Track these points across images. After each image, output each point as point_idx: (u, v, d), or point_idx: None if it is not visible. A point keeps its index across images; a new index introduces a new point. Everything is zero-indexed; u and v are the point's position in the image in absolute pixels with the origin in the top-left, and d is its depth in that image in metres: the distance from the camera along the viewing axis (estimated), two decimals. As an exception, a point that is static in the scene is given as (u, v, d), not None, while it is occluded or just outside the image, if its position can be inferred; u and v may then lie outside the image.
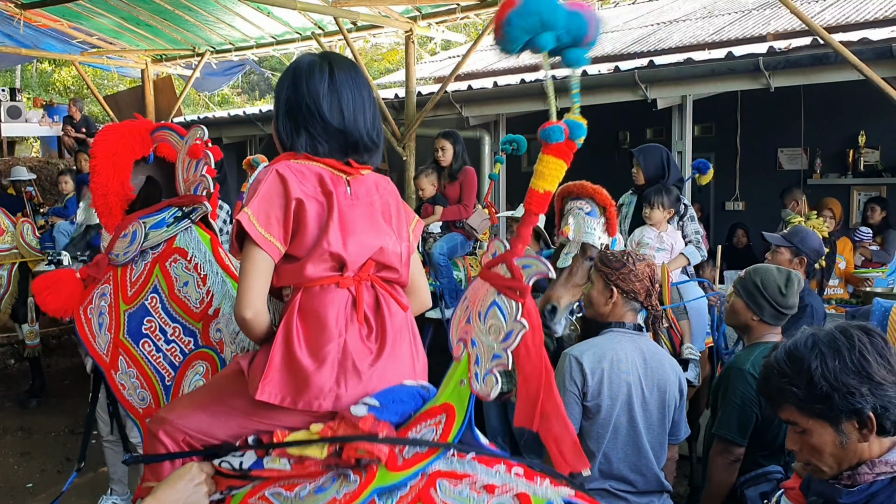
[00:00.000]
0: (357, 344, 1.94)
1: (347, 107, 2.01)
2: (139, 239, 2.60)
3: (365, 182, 2.07)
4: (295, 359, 1.89)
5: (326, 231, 1.92)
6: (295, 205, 1.90)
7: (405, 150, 8.40)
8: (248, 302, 1.91)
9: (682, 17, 11.89)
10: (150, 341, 2.54)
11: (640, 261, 3.21)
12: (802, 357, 1.79)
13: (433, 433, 1.76)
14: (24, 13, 9.57)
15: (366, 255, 2.00)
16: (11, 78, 20.81)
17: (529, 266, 1.62)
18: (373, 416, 1.80)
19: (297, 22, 9.66)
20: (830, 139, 9.17)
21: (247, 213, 1.88)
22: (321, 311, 1.93)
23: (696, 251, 4.95)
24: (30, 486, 5.64)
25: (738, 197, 9.84)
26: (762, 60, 6.36)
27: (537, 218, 1.63)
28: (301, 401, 1.88)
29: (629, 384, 3.04)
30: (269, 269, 1.93)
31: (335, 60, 2.06)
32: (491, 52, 13.51)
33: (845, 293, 6.45)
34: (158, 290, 2.56)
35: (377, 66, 23.81)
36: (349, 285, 1.97)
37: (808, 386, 1.77)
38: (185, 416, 2.03)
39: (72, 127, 13.62)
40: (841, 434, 1.77)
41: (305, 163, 1.98)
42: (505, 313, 1.64)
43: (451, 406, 1.76)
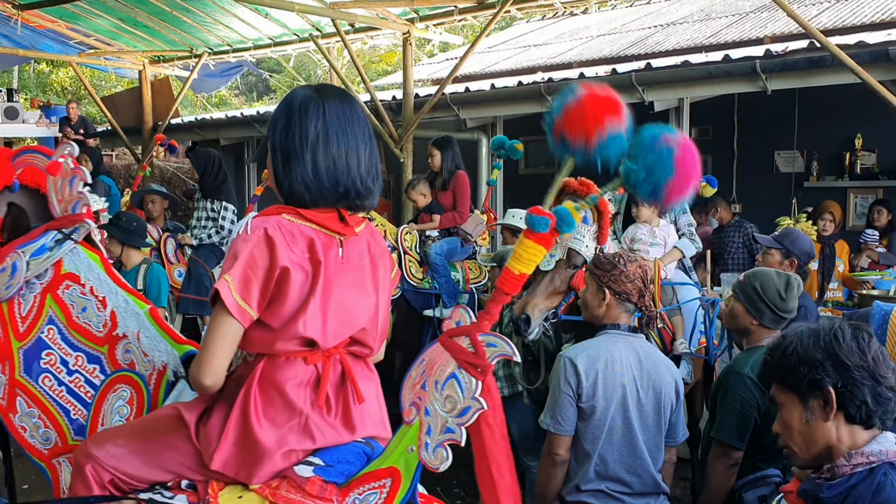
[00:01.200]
0: (319, 420, 1.86)
1: (340, 151, 1.89)
2: (20, 270, 2.45)
3: (359, 242, 1.95)
4: (252, 435, 1.81)
5: (304, 310, 1.81)
6: (279, 273, 1.79)
7: (402, 152, 8.40)
8: (211, 370, 1.81)
9: (679, 19, 11.92)
10: (51, 375, 2.41)
11: (632, 262, 3.21)
12: (787, 336, 1.95)
13: (377, 496, 1.73)
14: (22, 14, 9.57)
15: (345, 335, 1.91)
16: (9, 79, 20.79)
17: (494, 345, 1.59)
18: (319, 478, 1.77)
19: (295, 24, 9.66)
20: (827, 142, 9.18)
21: (227, 280, 1.77)
22: (283, 387, 1.85)
23: (690, 243, 4.92)
24: (25, 487, 5.63)
25: (735, 199, 9.85)
26: (759, 63, 6.38)
27: (508, 298, 1.62)
28: (255, 477, 1.81)
29: (624, 385, 3.05)
30: (237, 336, 1.82)
31: (329, 95, 1.94)
32: (488, 53, 13.53)
33: (842, 296, 6.46)
34: (55, 321, 2.43)
35: (375, 68, 23.81)
36: (317, 361, 1.88)
37: (781, 357, 1.92)
38: (115, 458, 1.94)
39: (69, 128, 13.62)
40: (807, 410, 1.89)
41: (297, 222, 1.85)
42: (463, 388, 1.60)
43: (398, 470, 1.73)
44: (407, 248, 5.95)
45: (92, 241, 2.52)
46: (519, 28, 15.57)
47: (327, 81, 22.48)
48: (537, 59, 11.85)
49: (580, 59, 11.04)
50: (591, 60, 10.72)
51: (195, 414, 1.92)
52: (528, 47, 13.26)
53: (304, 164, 1.86)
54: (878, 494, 1.79)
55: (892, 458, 1.85)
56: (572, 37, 12.97)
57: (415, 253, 6.00)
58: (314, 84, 2.06)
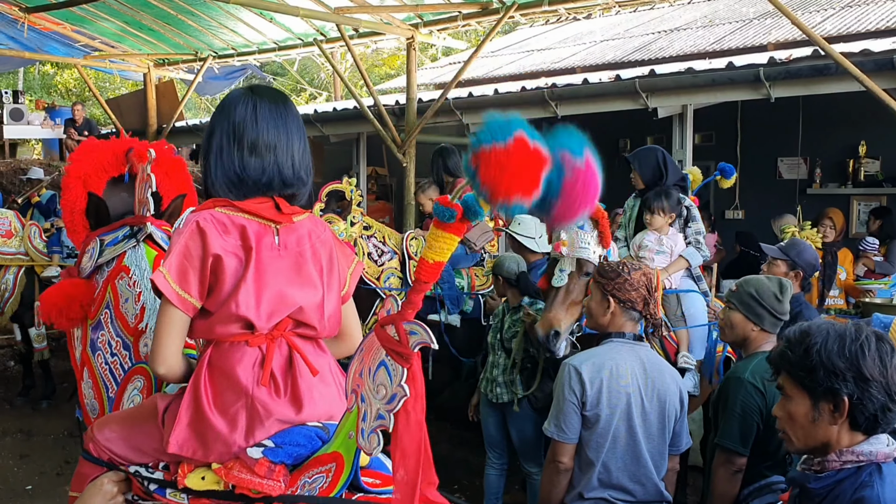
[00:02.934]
0: (266, 400, 1.94)
1: (269, 140, 1.99)
2: (94, 255, 2.70)
3: (296, 230, 2.04)
4: (204, 416, 1.91)
5: (237, 292, 1.91)
6: (212, 261, 1.90)
7: (405, 156, 8.42)
8: (162, 358, 1.94)
9: (683, 25, 11.93)
10: (101, 353, 2.62)
11: (636, 270, 3.21)
12: (811, 333, 1.93)
13: (323, 480, 1.82)
14: (28, 17, 9.61)
15: (281, 315, 1.98)
16: (14, 80, 20.85)
17: (416, 333, 1.62)
18: (266, 459, 1.85)
19: (300, 28, 9.68)
20: (830, 149, 9.18)
21: (162, 272, 1.88)
22: (229, 370, 1.94)
23: (696, 252, 4.85)
24: (28, 489, 5.65)
25: (738, 206, 9.85)
26: (762, 71, 6.37)
27: (428, 286, 1.63)
28: (211, 455, 1.92)
29: (629, 394, 3.05)
30: (183, 325, 1.94)
31: (261, 93, 2.05)
32: (492, 58, 13.55)
33: (845, 304, 6.46)
34: (109, 306, 2.63)
35: (378, 72, 23.84)
36: (260, 343, 1.97)
37: (802, 355, 1.92)
38: (110, 441, 2.12)
39: (74, 130, 13.66)
40: (815, 410, 1.92)
41: (229, 213, 1.96)
42: (391, 375, 1.65)
43: (341, 455, 1.81)
44: (412, 254, 5.96)
45: (155, 240, 2.71)
46: (522, 33, 15.59)
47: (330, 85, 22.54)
48: (541, 64, 11.87)
49: (583, 64, 11.06)
50: (595, 66, 10.74)
51: (166, 402, 2.04)
52: (532, 52, 13.29)
53: (227, 156, 1.98)
54: (857, 492, 1.86)
55: (881, 459, 1.89)
56: (576, 42, 12.99)
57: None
58: (249, 84, 2.14)
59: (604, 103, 7.49)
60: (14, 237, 7.29)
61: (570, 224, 1.51)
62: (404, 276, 5.87)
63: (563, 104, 7.63)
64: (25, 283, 7.31)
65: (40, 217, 8.59)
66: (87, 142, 2.99)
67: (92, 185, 2.82)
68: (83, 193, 2.81)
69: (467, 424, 5.27)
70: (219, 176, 1.99)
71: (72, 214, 2.84)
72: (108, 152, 2.88)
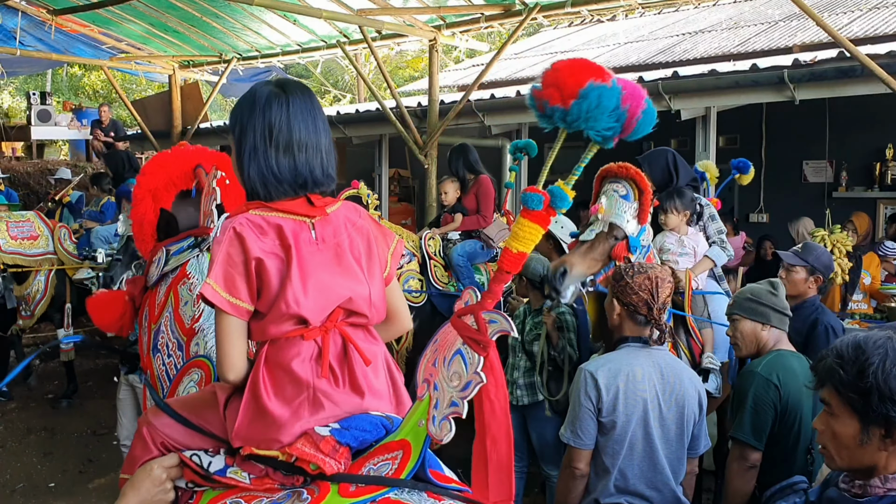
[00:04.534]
0: (328, 390, 1.95)
1: (301, 145, 1.99)
2: (161, 263, 2.82)
3: (332, 221, 2.03)
4: (266, 411, 1.91)
5: (284, 291, 1.91)
6: (255, 264, 1.90)
7: (427, 158, 8.42)
8: (230, 366, 1.96)
9: (707, 27, 11.86)
10: (160, 355, 2.71)
11: (640, 273, 3.15)
12: (867, 350, 1.78)
13: (389, 467, 1.82)
14: (56, 19, 9.72)
15: (331, 307, 1.98)
16: (42, 82, 21.11)
17: (495, 322, 1.64)
18: (333, 438, 1.86)
19: (323, 30, 9.72)
20: (857, 152, 9.08)
21: (209, 283, 1.89)
22: (288, 365, 1.95)
23: (721, 251, 4.78)
24: (51, 486, 5.71)
25: (763, 209, 9.77)
26: (787, 73, 6.31)
27: (509, 277, 1.66)
28: (274, 445, 1.91)
29: (645, 400, 3.02)
30: (242, 330, 1.96)
31: (292, 91, 2.03)
32: (514, 60, 13.54)
33: (869, 308, 6.38)
34: (170, 310, 2.73)
35: (401, 74, 23.91)
36: (315, 336, 1.97)
37: (856, 375, 1.77)
38: (167, 426, 2.13)
39: (100, 131, 13.80)
40: (865, 433, 1.78)
41: (264, 213, 1.96)
42: (467, 363, 1.66)
43: (408, 443, 1.81)
44: (432, 254, 5.96)
45: None
46: (546, 35, 15.58)
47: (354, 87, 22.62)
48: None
49: (607, 66, 10.74)
50: (618, 68, 10.69)
51: (225, 393, 2.04)
52: (555, 54, 13.26)
53: (264, 157, 1.97)
54: None
55: None
56: (599, 44, 12.95)
57: (439, 258, 6.01)
58: (276, 80, 2.11)
59: (626, 105, 7.44)
60: (39, 238, 7.33)
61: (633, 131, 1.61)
62: (425, 278, 5.87)
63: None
64: (56, 284, 7.36)
65: (70, 217, 8.67)
66: (159, 156, 3.10)
67: (161, 199, 2.95)
68: (152, 206, 2.94)
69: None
70: (253, 176, 1.99)
71: (140, 226, 2.97)
72: (177, 168, 2.99)
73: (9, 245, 7.11)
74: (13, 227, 7.24)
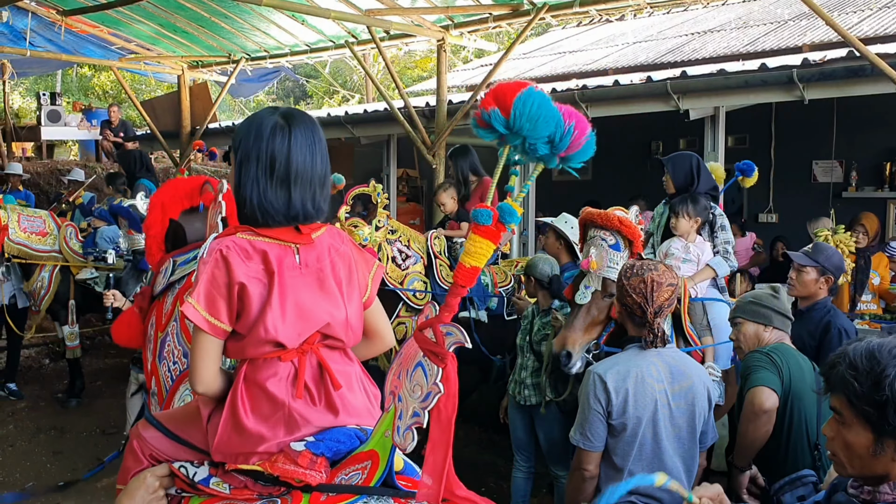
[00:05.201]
0: (303, 410, 2.03)
1: (297, 180, 2.05)
2: (168, 273, 2.93)
3: (316, 247, 2.10)
4: (243, 427, 2.00)
5: (264, 316, 1.98)
6: (238, 288, 1.97)
7: (435, 158, 8.43)
8: (199, 380, 2.03)
9: (716, 27, 11.82)
10: (166, 362, 2.80)
11: (636, 276, 3.11)
12: (881, 360, 1.73)
13: (359, 476, 1.91)
14: (66, 20, 9.75)
15: (309, 332, 2.06)
16: (52, 82, 21.20)
17: (451, 334, 1.70)
18: (308, 451, 1.95)
19: (331, 30, 9.74)
20: (866, 152, 9.05)
21: (190, 302, 1.96)
22: (264, 384, 2.03)
23: (724, 261, 4.77)
24: (61, 485, 5.73)
25: (772, 209, 9.74)
26: (796, 73, 6.28)
27: (465, 290, 1.69)
28: (253, 458, 2.01)
29: (656, 400, 3.01)
30: (217, 349, 2.03)
31: (296, 122, 2.08)
32: (523, 60, 13.53)
33: (879, 309, 6.35)
34: (177, 319, 2.81)
35: (410, 74, 23.92)
36: (292, 357, 2.05)
37: (871, 387, 1.72)
38: (155, 439, 2.24)
39: (110, 131, 13.85)
40: (878, 444, 1.74)
41: (251, 238, 2.02)
42: (427, 375, 1.73)
43: (377, 453, 1.90)
44: (437, 253, 5.97)
45: None
46: (554, 35, 15.56)
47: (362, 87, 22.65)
48: (572, 66, 11.83)
49: (615, 66, 11.00)
50: (627, 67, 10.68)
51: (209, 408, 2.13)
52: (564, 54, 13.25)
53: (263, 189, 2.03)
54: None
55: None
56: (608, 44, 12.93)
57: (445, 257, 6.02)
58: (282, 108, 2.16)
59: (635, 105, 7.44)
60: (48, 236, 7.43)
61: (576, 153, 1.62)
62: (431, 278, 5.88)
63: (593, 106, 7.59)
64: (60, 280, 7.44)
65: (80, 219, 8.73)
66: (174, 181, 3.35)
67: (169, 212, 3.11)
68: (160, 219, 3.09)
69: (495, 427, 5.26)
70: (251, 203, 2.04)
71: (147, 238, 3.13)
72: (185, 185, 3.20)
73: (17, 235, 7.24)
74: (24, 219, 7.37)
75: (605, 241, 3.71)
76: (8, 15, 10.03)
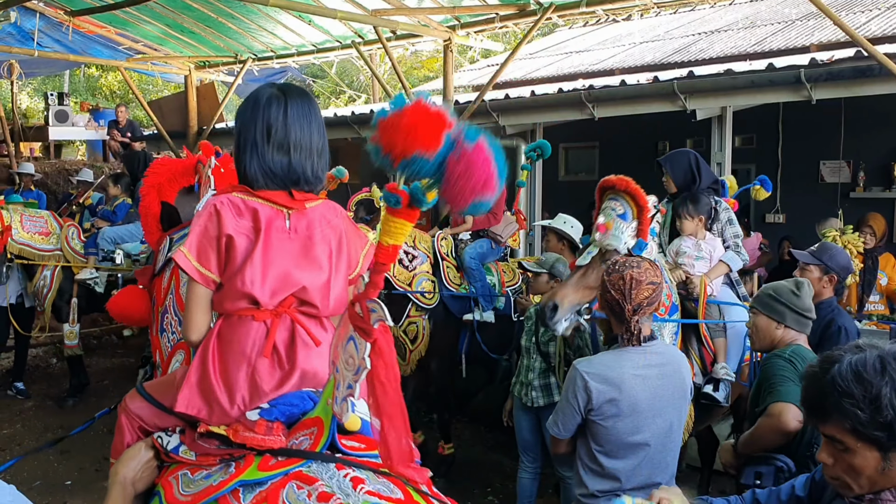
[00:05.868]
0: (265, 372, 2.11)
1: (295, 145, 2.16)
2: (165, 250, 3.01)
3: (308, 215, 2.19)
4: (209, 381, 2.10)
5: (244, 269, 2.08)
6: (225, 240, 2.08)
7: (441, 158, 8.42)
8: (193, 328, 2.17)
9: (723, 27, 11.79)
10: (167, 334, 2.88)
11: (616, 272, 3.05)
12: (871, 381, 1.71)
13: (308, 442, 2.00)
14: (73, 20, 9.80)
15: (284, 293, 2.14)
16: (60, 83, 21.27)
17: (375, 311, 1.73)
18: (263, 419, 2.04)
19: (338, 31, 9.75)
20: (874, 152, 9.01)
21: (183, 251, 2.08)
22: (235, 341, 2.12)
23: (736, 255, 4.76)
24: (68, 484, 5.75)
25: (779, 209, 9.71)
26: (803, 73, 6.26)
27: (387, 267, 1.71)
28: (213, 417, 2.10)
29: (641, 400, 2.99)
30: (207, 298, 2.15)
31: (291, 94, 2.20)
32: (529, 60, 13.52)
33: (886, 309, 6.34)
34: (173, 292, 2.90)
35: (417, 74, 23.92)
36: (265, 318, 2.13)
37: (873, 412, 1.70)
38: (139, 409, 2.35)
39: (117, 131, 13.88)
40: (886, 461, 1.73)
41: (245, 197, 2.13)
42: (358, 349, 1.77)
43: (321, 420, 2.00)
44: (444, 255, 5.96)
45: None
46: (561, 35, 15.54)
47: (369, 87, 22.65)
48: (578, 66, 11.81)
49: (622, 66, 10.98)
50: (633, 67, 10.66)
51: (183, 371, 2.23)
52: (570, 54, 13.23)
53: (262, 153, 2.14)
54: None
55: None
56: (614, 44, 12.91)
57: (452, 259, 6.01)
58: (279, 83, 2.29)
59: (641, 105, 7.42)
60: (51, 235, 7.50)
61: (463, 208, 1.55)
62: (437, 278, 5.87)
63: (600, 106, 7.57)
64: (63, 278, 7.49)
65: (90, 219, 8.77)
66: (162, 160, 3.41)
67: (165, 194, 3.21)
68: (156, 200, 3.19)
69: (501, 428, 5.26)
70: (254, 168, 2.15)
71: (146, 218, 3.19)
72: (179, 165, 3.28)
73: (20, 236, 7.30)
74: (27, 219, 7.44)
75: (615, 210, 3.69)
76: (16, 15, 10.07)
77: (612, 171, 3.92)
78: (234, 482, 1.95)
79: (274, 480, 1.91)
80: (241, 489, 1.94)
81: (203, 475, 2.06)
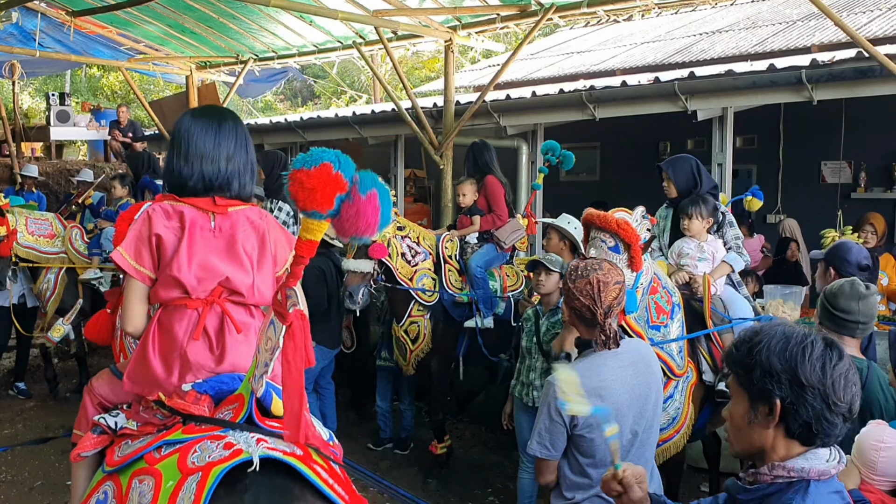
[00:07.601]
0: (198, 354, 2.43)
1: (197, 151, 2.51)
2: None
3: (231, 218, 2.53)
4: (149, 363, 2.43)
5: (173, 260, 2.42)
6: (156, 239, 2.43)
7: (442, 158, 8.43)
8: (129, 321, 2.50)
9: (725, 27, 11.80)
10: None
11: (582, 277, 3.00)
12: (760, 332, 1.90)
13: (230, 414, 2.27)
14: (75, 20, 9.79)
15: (210, 282, 2.46)
16: (61, 83, 21.28)
17: (291, 297, 1.97)
18: (194, 391, 2.35)
19: (339, 31, 9.75)
20: (875, 153, 9.01)
21: (120, 251, 2.43)
22: (170, 327, 2.45)
23: (738, 256, 4.80)
24: (69, 484, 5.74)
25: (780, 210, 9.71)
26: (805, 73, 6.26)
27: (306, 261, 1.94)
28: (154, 393, 2.40)
29: (621, 405, 2.94)
30: (142, 293, 2.48)
31: (199, 114, 2.61)
32: (530, 60, 13.52)
33: (887, 310, 6.33)
34: None
35: (418, 74, 23.94)
36: (197, 307, 2.46)
37: (745, 353, 1.88)
38: (100, 387, 2.72)
39: (118, 131, 13.89)
40: (752, 411, 1.86)
41: (173, 203, 2.49)
42: (276, 331, 2.00)
43: (243, 396, 2.27)
44: (447, 257, 5.94)
45: None
46: (562, 35, 15.55)
47: (370, 88, 22.67)
48: (580, 67, 11.81)
49: (623, 66, 10.98)
50: (634, 68, 10.67)
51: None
52: (571, 54, 13.23)
53: (175, 163, 2.53)
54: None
55: (813, 476, 1.81)
56: (615, 44, 12.91)
57: (455, 262, 5.99)
58: (202, 107, 2.72)
59: (642, 105, 7.42)
60: (56, 238, 7.50)
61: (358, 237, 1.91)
62: (439, 278, 5.87)
63: (601, 106, 7.58)
64: (66, 282, 7.49)
65: (91, 219, 8.76)
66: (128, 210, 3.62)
67: None
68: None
69: (502, 428, 5.26)
70: (167, 179, 2.56)
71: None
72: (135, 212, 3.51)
73: (25, 239, 7.30)
74: (32, 223, 7.44)
75: (605, 242, 3.65)
76: (17, 16, 10.08)
77: (613, 171, 3.92)
78: (159, 441, 2.24)
79: (192, 440, 2.19)
80: (163, 447, 2.22)
81: (139, 442, 2.33)
